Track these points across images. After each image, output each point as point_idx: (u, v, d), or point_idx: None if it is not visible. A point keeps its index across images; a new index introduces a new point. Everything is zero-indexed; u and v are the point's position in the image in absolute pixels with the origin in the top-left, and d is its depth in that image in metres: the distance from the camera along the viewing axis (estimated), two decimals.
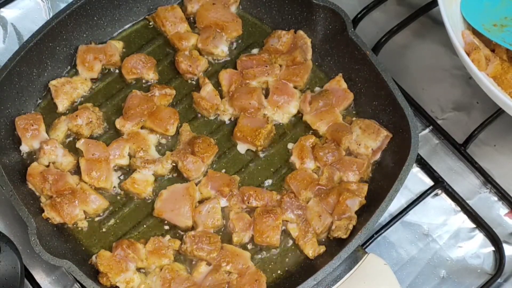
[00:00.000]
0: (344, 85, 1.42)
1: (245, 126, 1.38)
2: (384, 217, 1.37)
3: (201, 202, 1.32)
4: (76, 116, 1.36)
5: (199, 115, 1.42)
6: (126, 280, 1.24)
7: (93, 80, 1.43)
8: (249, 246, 1.30)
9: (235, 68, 1.45)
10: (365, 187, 1.32)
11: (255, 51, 1.47)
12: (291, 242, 1.31)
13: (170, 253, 1.27)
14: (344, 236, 1.28)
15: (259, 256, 1.30)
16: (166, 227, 1.32)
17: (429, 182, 1.42)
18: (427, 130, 1.48)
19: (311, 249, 1.28)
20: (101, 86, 1.44)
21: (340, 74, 1.43)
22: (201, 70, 1.44)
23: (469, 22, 1.39)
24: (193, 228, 1.30)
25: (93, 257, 1.26)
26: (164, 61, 1.47)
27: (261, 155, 1.39)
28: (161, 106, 1.39)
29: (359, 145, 1.36)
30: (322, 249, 1.29)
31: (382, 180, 1.32)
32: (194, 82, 1.45)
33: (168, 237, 1.29)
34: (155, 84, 1.43)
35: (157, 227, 1.32)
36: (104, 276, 1.23)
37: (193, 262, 1.28)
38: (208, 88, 1.41)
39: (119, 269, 1.24)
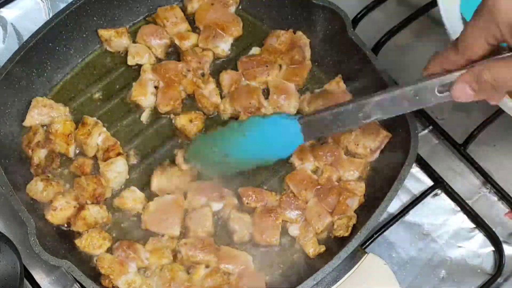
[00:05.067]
0: (343, 86, 1.42)
1: None
2: (384, 217, 1.37)
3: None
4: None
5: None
6: (128, 282, 1.24)
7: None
8: (249, 246, 1.30)
9: (235, 68, 1.45)
10: (363, 186, 1.33)
11: (255, 50, 1.47)
12: (291, 242, 1.31)
13: (168, 253, 1.27)
14: (346, 234, 1.28)
15: (259, 256, 1.30)
16: None
17: (429, 182, 1.42)
18: (427, 130, 1.48)
19: (312, 249, 1.29)
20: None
21: (340, 75, 1.43)
22: (208, 62, 1.45)
23: None
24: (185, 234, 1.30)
25: (94, 259, 1.27)
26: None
27: None
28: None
29: (357, 145, 1.36)
30: (322, 248, 1.29)
31: (382, 180, 1.32)
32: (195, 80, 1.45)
33: (166, 237, 1.29)
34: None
35: None
36: (106, 278, 1.23)
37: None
38: (210, 87, 1.41)
39: (120, 271, 1.24)
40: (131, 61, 1.44)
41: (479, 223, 1.39)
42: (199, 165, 1.32)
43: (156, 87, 1.42)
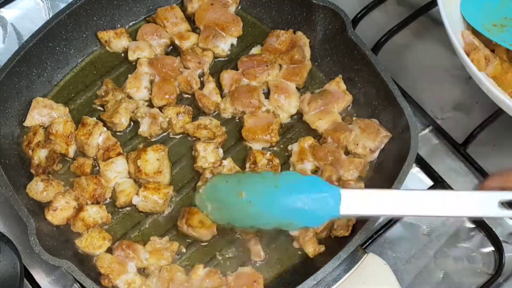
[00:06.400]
0: (343, 86, 1.42)
1: (254, 127, 1.38)
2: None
3: None
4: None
5: (201, 112, 1.42)
6: (128, 282, 1.24)
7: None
8: None
9: (235, 68, 1.45)
10: (363, 186, 1.33)
11: (255, 50, 1.47)
12: (290, 241, 1.31)
13: (168, 255, 1.27)
14: (347, 234, 1.28)
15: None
16: (165, 229, 1.32)
17: (429, 182, 1.42)
18: (426, 130, 1.48)
19: (311, 248, 1.29)
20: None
21: (340, 76, 1.43)
22: (208, 62, 1.45)
23: (469, 22, 1.39)
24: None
25: (94, 259, 1.27)
26: None
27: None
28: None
29: (357, 145, 1.36)
30: (322, 248, 1.29)
31: (382, 180, 1.32)
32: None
33: (166, 238, 1.29)
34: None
35: (156, 228, 1.32)
36: (105, 278, 1.24)
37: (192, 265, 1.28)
38: (210, 86, 1.42)
39: (120, 271, 1.24)
40: (131, 56, 1.44)
41: (479, 223, 1.39)
42: (211, 207, 1.17)
43: (151, 81, 1.42)
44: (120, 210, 1.33)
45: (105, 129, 1.37)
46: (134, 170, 1.33)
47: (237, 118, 1.42)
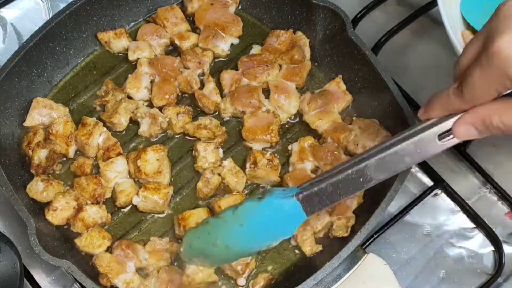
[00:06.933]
0: (343, 86, 1.42)
1: (254, 127, 1.38)
2: (384, 217, 1.37)
3: None
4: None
5: (201, 112, 1.43)
6: (127, 281, 1.24)
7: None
8: None
9: (235, 68, 1.45)
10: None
11: (255, 50, 1.47)
12: (290, 242, 1.31)
13: (167, 256, 1.27)
14: (346, 234, 1.28)
15: (258, 256, 1.30)
16: (165, 229, 1.32)
17: (429, 182, 1.42)
18: None
19: (309, 247, 1.29)
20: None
21: (340, 76, 1.43)
22: (208, 62, 1.45)
23: (469, 22, 1.39)
24: None
25: (93, 258, 1.27)
26: None
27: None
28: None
29: (357, 145, 1.36)
30: (319, 248, 1.29)
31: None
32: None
33: (167, 239, 1.29)
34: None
35: (156, 228, 1.32)
36: (104, 277, 1.24)
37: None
38: (210, 86, 1.42)
39: (119, 270, 1.24)
40: (131, 56, 1.45)
41: (479, 223, 1.39)
42: (199, 260, 1.23)
43: (151, 82, 1.42)
44: (120, 210, 1.33)
45: (105, 129, 1.37)
46: (134, 170, 1.33)
47: (237, 118, 1.42)
